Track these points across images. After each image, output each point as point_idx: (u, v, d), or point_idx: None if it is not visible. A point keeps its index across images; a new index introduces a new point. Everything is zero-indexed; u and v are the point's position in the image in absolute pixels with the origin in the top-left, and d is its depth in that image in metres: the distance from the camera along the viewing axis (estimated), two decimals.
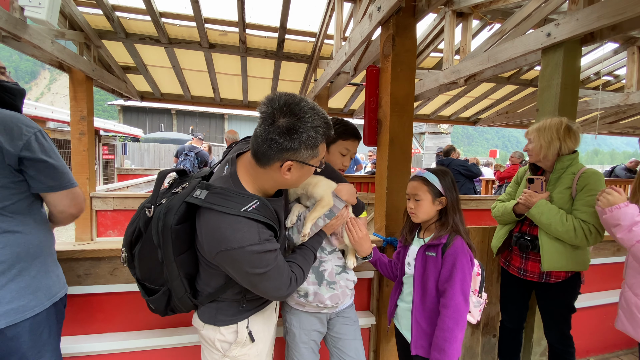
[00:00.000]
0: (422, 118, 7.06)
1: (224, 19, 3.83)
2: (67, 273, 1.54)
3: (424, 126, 15.58)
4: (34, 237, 1.14)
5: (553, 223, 1.66)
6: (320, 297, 1.39)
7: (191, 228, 1.04)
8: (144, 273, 1.12)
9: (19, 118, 1.09)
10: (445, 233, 1.36)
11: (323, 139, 1.01)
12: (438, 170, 1.42)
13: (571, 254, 1.71)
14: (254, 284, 1.01)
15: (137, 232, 1.09)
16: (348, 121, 1.60)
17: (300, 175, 1.06)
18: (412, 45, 1.96)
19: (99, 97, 31.96)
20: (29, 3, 2.47)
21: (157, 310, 1.17)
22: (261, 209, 1.00)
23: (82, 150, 3.83)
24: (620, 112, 6.06)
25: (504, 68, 3.75)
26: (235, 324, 1.14)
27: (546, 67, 2.36)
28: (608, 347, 2.63)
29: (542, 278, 1.80)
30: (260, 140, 0.96)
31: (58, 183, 1.15)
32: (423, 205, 1.39)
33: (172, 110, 19.60)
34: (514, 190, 2.02)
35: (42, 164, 1.10)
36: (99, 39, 3.89)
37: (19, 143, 1.05)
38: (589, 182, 1.66)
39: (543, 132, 1.75)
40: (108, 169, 8.97)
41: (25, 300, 1.08)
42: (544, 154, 1.75)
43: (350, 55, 2.86)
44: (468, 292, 1.30)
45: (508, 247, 1.96)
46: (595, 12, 2.03)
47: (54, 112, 6.78)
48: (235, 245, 0.94)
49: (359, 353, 1.51)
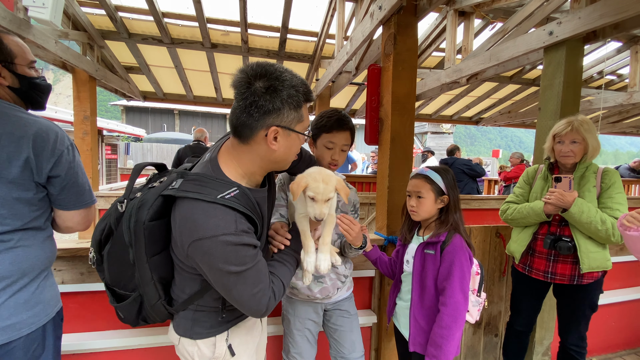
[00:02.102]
0: (424, 118, 7.05)
1: (226, 19, 3.85)
2: (71, 271, 1.55)
3: (426, 126, 15.56)
4: (43, 252, 1.08)
5: (593, 222, 1.59)
6: (309, 291, 1.44)
7: (167, 226, 0.93)
8: (113, 276, 1.01)
9: (54, 130, 1.03)
10: (444, 231, 1.35)
11: (304, 100, 0.92)
12: (440, 169, 1.41)
13: (603, 253, 1.69)
14: (227, 287, 0.88)
15: (107, 230, 0.98)
16: (336, 111, 1.48)
17: (288, 147, 0.95)
18: (413, 44, 1.96)
19: (102, 98, 32.11)
20: (33, 3, 2.49)
21: (126, 320, 1.05)
22: (241, 197, 0.89)
23: (86, 150, 3.86)
24: (624, 112, 6.04)
25: (506, 67, 3.74)
26: (213, 337, 1.03)
27: (548, 66, 2.35)
28: (611, 347, 2.61)
29: (574, 280, 1.71)
30: (239, 110, 0.87)
31: (78, 201, 1.10)
32: (425, 204, 1.38)
33: (174, 111, 19.67)
34: (526, 191, 1.92)
35: (68, 182, 1.05)
36: (102, 39, 3.92)
37: (51, 160, 1.00)
38: (616, 180, 1.67)
39: (594, 131, 1.69)
40: (111, 168, 9.02)
41: (23, 317, 1.01)
42: (592, 154, 1.71)
43: (352, 55, 2.87)
44: (467, 290, 1.30)
45: (528, 250, 1.85)
46: (597, 10, 2.03)
47: (58, 112, 6.81)
48: (208, 233, 0.83)
49: (355, 345, 1.53)
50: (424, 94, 4.63)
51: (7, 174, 0.96)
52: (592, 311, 1.77)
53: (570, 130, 1.68)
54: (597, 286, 1.74)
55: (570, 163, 1.73)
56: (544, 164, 1.88)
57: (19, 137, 0.97)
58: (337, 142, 1.44)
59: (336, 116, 1.45)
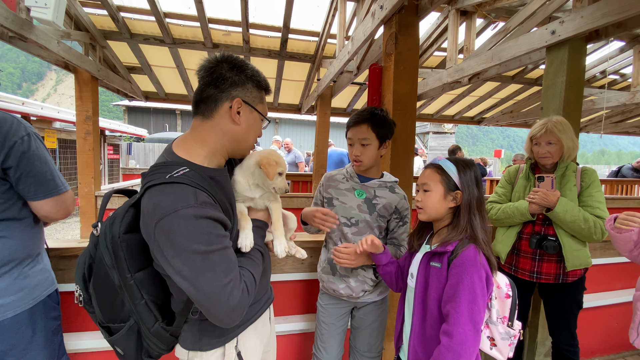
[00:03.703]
0: (426, 117, 7.03)
1: (227, 19, 3.85)
2: (72, 270, 1.56)
3: (427, 126, 15.50)
4: (21, 241, 1.10)
5: (577, 220, 1.63)
6: (334, 286, 1.50)
7: (144, 240, 0.88)
8: (104, 310, 0.93)
9: (9, 121, 1.03)
10: (455, 239, 1.08)
11: (264, 87, 1.00)
12: (459, 160, 1.16)
13: (584, 251, 1.72)
14: (194, 275, 0.78)
15: (89, 261, 0.93)
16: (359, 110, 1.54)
17: (249, 125, 0.97)
18: (414, 44, 1.96)
19: (104, 98, 32.25)
20: (35, 4, 2.49)
21: (126, 357, 0.96)
22: (191, 175, 0.86)
23: (88, 150, 3.86)
24: (627, 111, 6.00)
25: (508, 66, 3.72)
26: (222, 347, 0.98)
27: (551, 65, 2.34)
28: (613, 348, 2.60)
29: (559, 279, 1.74)
30: (205, 86, 0.91)
31: (39, 191, 1.09)
32: (431, 197, 1.14)
33: (176, 111, 19.71)
34: (508, 191, 1.95)
35: (22, 173, 1.04)
36: (104, 40, 3.93)
37: (2, 152, 1.00)
38: (595, 179, 1.71)
39: (568, 131, 1.72)
40: (113, 168, 9.05)
41: (6, 301, 1.05)
42: (569, 154, 1.74)
43: (353, 54, 2.86)
44: (479, 319, 1.00)
45: (513, 250, 1.87)
46: (600, 9, 2.01)
47: (60, 112, 6.85)
48: (168, 209, 0.78)
49: (372, 347, 1.55)
50: (425, 94, 4.61)
51: None
52: (578, 309, 1.81)
53: (545, 132, 1.73)
54: (581, 284, 1.78)
55: (548, 164, 1.78)
56: (525, 163, 1.92)
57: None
58: (353, 137, 1.47)
59: (355, 113, 1.50)
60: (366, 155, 1.45)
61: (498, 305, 1.09)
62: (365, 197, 1.49)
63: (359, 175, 1.54)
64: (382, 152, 1.50)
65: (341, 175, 1.57)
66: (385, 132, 1.46)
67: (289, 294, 1.93)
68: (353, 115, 1.50)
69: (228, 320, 0.83)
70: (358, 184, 1.52)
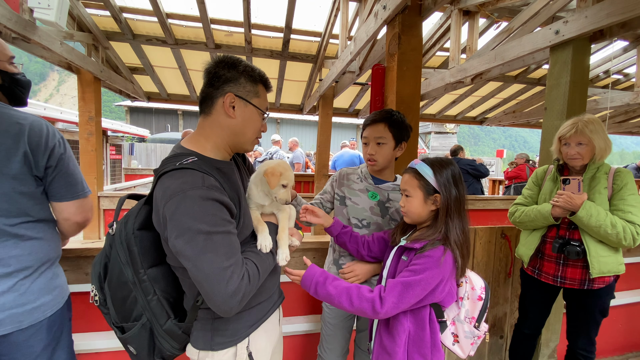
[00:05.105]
0: (428, 117, 7.03)
1: (229, 20, 3.85)
2: (76, 271, 1.56)
3: (429, 126, 15.49)
4: (54, 242, 1.16)
5: (603, 226, 1.52)
6: None
7: (156, 237, 0.94)
8: (118, 308, 0.95)
9: (45, 124, 1.08)
10: (427, 238, 1.12)
11: (260, 80, 1.02)
12: (435, 162, 1.17)
13: (615, 257, 1.62)
14: (196, 255, 0.81)
15: (104, 260, 0.97)
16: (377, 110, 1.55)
17: (245, 119, 1.00)
18: (418, 44, 1.95)
19: (107, 99, 32.34)
20: (38, 5, 2.50)
21: (139, 356, 0.97)
22: (200, 163, 0.91)
23: (90, 150, 3.88)
24: (630, 111, 5.98)
25: (511, 66, 3.71)
26: (234, 346, 0.99)
27: (554, 65, 2.33)
28: (618, 349, 2.58)
29: (585, 285, 1.65)
30: (204, 85, 0.99)
31: (68, 192, 1.14)
32: (412, 203, 1.17)
33: (178, 111, 19.73)
34: (535, 193, 1.87)
35: (59, 172, 1.10)
36: (106, 40, 3.94)
37: (45, 153, 1.05)
38: (628, 181, 1.60)
39: (601, 131, 1.61)
40: (115, 169, 9.07)
41: (46, 299, 1.10)
42: (601, 155, 1.63)
43: (356, 55, 2.86)
44: (405, 303, 1.04)
45: (537, 254, 1.80)
46: (604, 9, 2.00)
47: (63, 112, 6.87)
48: (177, 191, 0.83)
49: None
50: (428, 94, 4.61)
51: (8, 170, 1.00)
52: (602, 316, 1.72)
53: (575, 132, 1.62)
54: (608, 291, 1.69)
55: (578, 165, 1.68)
56: (553, 164, 1.82)
57: (14, 134, 1.01)
58: (369, 136, 1.45)
59: (372, 113, 1.50)
60: (381, 154, 1.43)
61: (469, 306, 1.13)
62: (379, 199, 1.47)
63: (374, 177, 1.52)
64: (397, 154, 1.48)
65: (356, 175, 1.55)
66: (402, 134, 1.45)
67: (295, 294, 1.92)
68: (370, 115, 1.49)
69: (226, 307, 0.84)
70: (372, 185, 1.50)
